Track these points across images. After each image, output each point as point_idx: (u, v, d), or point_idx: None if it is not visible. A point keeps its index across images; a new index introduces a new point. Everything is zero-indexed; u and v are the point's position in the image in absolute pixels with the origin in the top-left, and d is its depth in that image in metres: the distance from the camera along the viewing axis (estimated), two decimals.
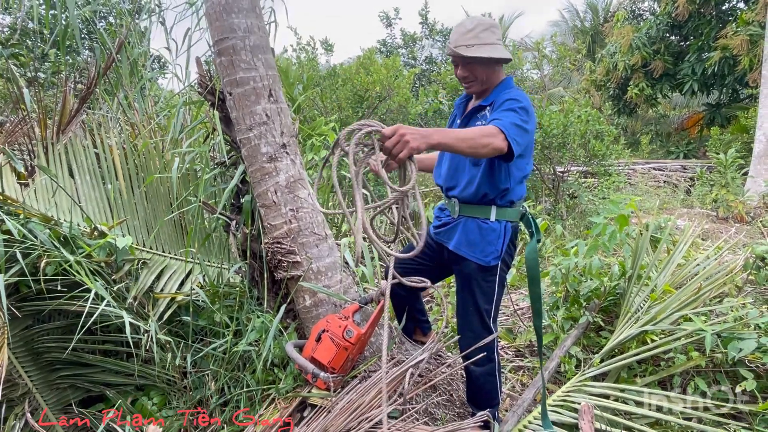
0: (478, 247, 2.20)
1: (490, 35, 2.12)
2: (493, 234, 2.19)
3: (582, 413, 2.37)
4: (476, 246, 2.20)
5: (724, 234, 6.14)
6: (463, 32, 2.12)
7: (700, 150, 13.72)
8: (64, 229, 2.66)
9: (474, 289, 2.23)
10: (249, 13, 2.23)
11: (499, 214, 2.20)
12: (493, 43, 2.12)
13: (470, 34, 2.10)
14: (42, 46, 7.81)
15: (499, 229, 2.20)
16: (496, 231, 2.19)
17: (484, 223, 2.20)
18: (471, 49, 2.09)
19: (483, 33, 2.10)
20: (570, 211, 7.66)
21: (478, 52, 2.09)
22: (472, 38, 2.10)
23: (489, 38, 2.11)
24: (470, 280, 2.24)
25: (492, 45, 2.11)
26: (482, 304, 2.25)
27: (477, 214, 2.22)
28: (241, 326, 2.63)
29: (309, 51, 13.35)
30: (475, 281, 2.22)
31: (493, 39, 2.12)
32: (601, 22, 18.31)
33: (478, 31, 2.10)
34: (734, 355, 2.50)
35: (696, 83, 12.43)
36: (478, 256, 2.20)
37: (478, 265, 2.21)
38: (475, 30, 2.10)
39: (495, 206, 2.19)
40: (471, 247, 2.21)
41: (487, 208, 2.20)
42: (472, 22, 2.13)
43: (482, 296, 2.24)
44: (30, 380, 2.76)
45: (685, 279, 3.30)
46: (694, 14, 12.32)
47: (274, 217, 2.34)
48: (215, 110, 2.59)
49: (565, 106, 8.36)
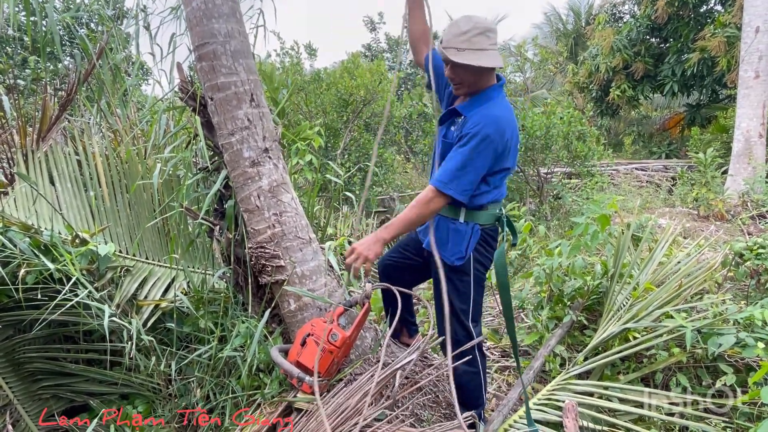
0: (446, 246, 2.23)
1: (483, 40, 2.02)
2: (459, 235, 2.22)
3: (566, 411, 2.40)
4: (444, 245, 2.24)
5: (704, 232, 6.24)
6: (456, 33, 2.02)
7: (682, 150, 13.92)
8: (44, 237, 2.62)
9: (449, 290, 2.20)
10: (229, 18, 2.23)
11: (468, 216, 2.22)
12: (485, 49, 2.02)
13: (463, 37, 2.01)
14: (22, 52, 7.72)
15: (466, 230, 2.22)
16: (462, 232, 2.22)
17: (452, 223, 2.23)
18: (460, 54, 2.01)
19: (476, 37, 2.00)
20: (554, 212, 7.74)
21: (466, 59, 2.00)
22: (463, 41, 2.01)
23: (482, 43, 2.01)
24: (445, 280, 2.21)
25: (483, 51, 2.02)
26: (457, 304, 2.26)
27: (448, 213, 2.24)
28: (226, 332, 2.62)
29: (293, 55, 13.34)
30: (449, 280, 2.21)
31: (486, 44, 2.03)
32: (583, 25, 18.53)
33: (471, 35, 2.00)
34: (714, 351, 2.54)
35: (676, 84, 12.63)
36: (446, 255, 2.22)
37: (449, 266, 2.23)
38: (468, 33, 2.00)
39: (464, 208, 2.21)
40: (440, 245, 2.22)
41: (457, 210, 2.22)
42: (467, 23, 2.02)
43: (456, 296, 2.26)
44: (11, 391, 2.72)
45: (666, 277, 3.35)
46: (673, 17, 12.52)
47: (258, 221, 2.34)
48: (197, 115, 2.58)
49: (547, 108, 8.45)
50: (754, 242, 3.48)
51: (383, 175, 9.72)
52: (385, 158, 9.98)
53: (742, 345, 2.48)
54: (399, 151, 14.54)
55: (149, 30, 3.16)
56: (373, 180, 9.62)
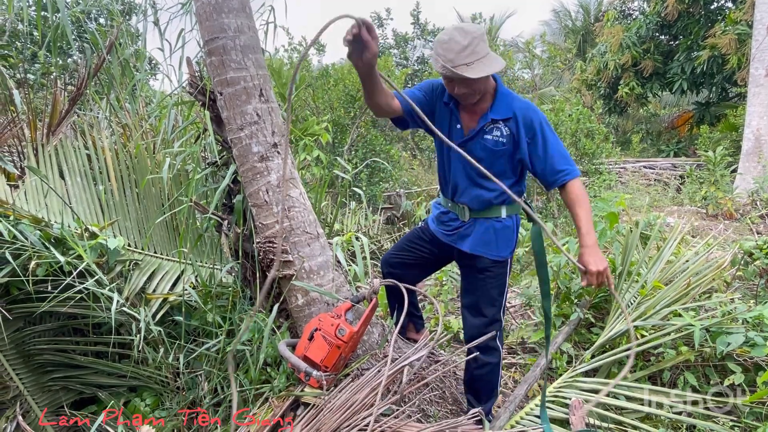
0: (494, 245, 2.28)
1: (484, 46, 1.97)
2: (507, 231, 2.29)
3: (573, 408, 2.40)
4: (492, 244, 2.28)
5: (713, 231, 6.20)
6: (458, 50, 1.94)
7: (690, 148, 13.82)
8: (54, 230, 2.65)
9: (488, 282, 2.29)
10: (239, 13, 2.23)
11: (509, 210, 2.28)
12: (488, 54, 1.98)
13: (467, 51, 1.93)
14: (32, 47, 7.77)
15: (512, 224, 2.30)
16: (509, 228, 2.30)
17: (497, 222, 2.27)
18: (473, 68, 1.94)
19: (478, 47, 1.95)
20: (562, 210, 7.70)
21: (482, 71, 1.94)
22: (469, 55, 1.94)
23: (484, 50, 1.97)
24: (484, 273, 2.30)
25: (488, 56, 1.98)
26: (496, 295, 2.31)
27: (489, 215, 2.28)
28: (233, 326, 2.63)
29: (300, 51, 13.33)
30: (489, 273, 2.29)
31: (486, 49, 1.99)
32: (591, 22, 18.41)
33: (474, 46, 1.94)
34: (723, 350, 2.53)
35: (685, 82, 12.52)
36: (494, 252, 2.28)
37: (492, 260, 2.28)
38: (471, 46, 1.93)
39: (505, 204, 2.26)
40: (487, 246, 2.28)
41: (499, 208, 2.26)
42: (464, 36, 1.94)
43: (496, 287, 2.31)
44: (21, 383, 2.75)
45: (674, 275, 3.33)
46: (683, 14, 12.42)
47: (266, 216, 2.35)
48: (206, 110, 2.59)
49: (556, 105, 8.41)
50: (764, 241, 3.45)
51: (389, 173, 9.71)
52: (392, 155, 9.96)
53: (751, 344, 2.47)
54: (405, 148, 14.54)
55: (158, 25, 3.18)
56: (380, 176, 9.60)
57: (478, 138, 2.18)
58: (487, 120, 2.14)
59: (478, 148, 2.17)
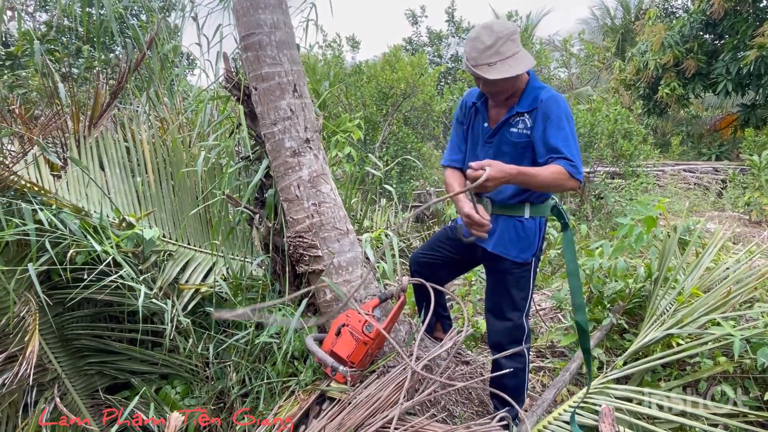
0: (516, 246, 2.23)
1: (511, 45, 1.92)
2: (528, 232, 2.22)
3: (603, 416, 2.34)
4: (514, 245, 2.23)
5: (756, 238, 5.96)
6: (481, 49, 1.91)
7: (733, 152, 13.32)
8: (94, 219, 2.73)
9: (510, 284, 2.26)
10: (275, 9, 2.25)
11: (533, 211, 2.21)
12: (516, 54, 1.93)
13: (490, 51, 1.90)
14: (76, 42, 8.02)
15: (535, 227, 2.23)
16: (531, 229, 2.23)
17: (519, 222, 2.22)
18: (494, 69, 1.91)
19: (504, 47, 1.90)
20: (596, 212, 7.54)
21: (503, 72, 1.91)
22: (492, 55, 1.90)
23: (511, 49, 1.92)
24: (506, 275, 2.26)
25: (515, 57, 1.93)
26: (518, 298, 2.27)
27: (511, 212, 2.22)
28: (262, 317, 2.67)
29: (335, 48, 13.40)
30: (511, 276, 2.25)
31: (515, 48, 1.93)
32: (632, 20, 17.91)
33: (498, 46, 1.90)
34: (764, 362, 2.42)
35: (730, 83, 12.04)
36: (516, 254, 2.23)
37: (514, 262, 2.23)
38: (495, 45, 1.90)
39: (529, 204, 2.20)
40: (508, 246, 2.23)
41: (522, 206, 2.21)
42: (490, 35, 1.91)
43: (518, 290, 2.27)
44: (59, 366, 2.85)
45: (713, 283, 3.21)
46: (730, 12, 11.94)
47: (297, 211, 2.37)
48: (241, 105, 2.62)
49: (593, 105, 8.22)
50: None
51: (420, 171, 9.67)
52: (423, 152, 9.92)
53: None
54: (437, 146, 14.46)
55: (196, 20, 3.24)
56: (411, 174, 9.58)
57: (503, 130, 2.16)
58: (513, 113, 2.12)
59: (503, 142, 2.16)
